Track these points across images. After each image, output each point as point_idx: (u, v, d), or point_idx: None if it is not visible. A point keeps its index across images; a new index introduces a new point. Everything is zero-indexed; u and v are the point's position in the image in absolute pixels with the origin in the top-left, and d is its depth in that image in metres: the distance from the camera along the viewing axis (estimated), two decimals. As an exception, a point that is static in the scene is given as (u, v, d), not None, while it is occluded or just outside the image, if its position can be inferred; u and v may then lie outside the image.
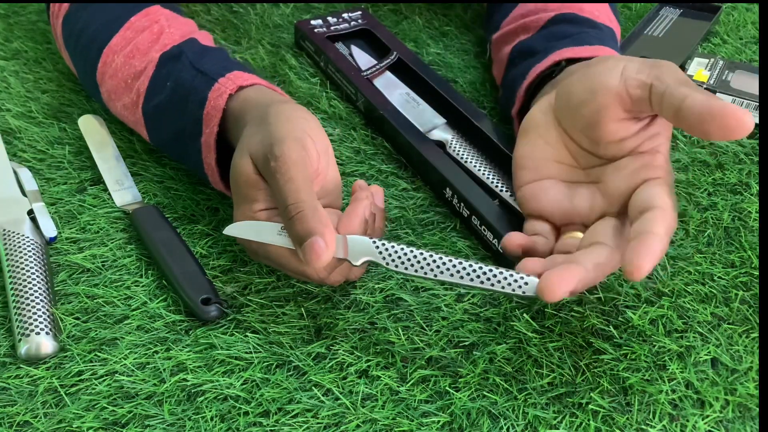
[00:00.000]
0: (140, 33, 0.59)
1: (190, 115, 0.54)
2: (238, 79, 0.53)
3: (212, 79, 0.54)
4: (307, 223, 0.43)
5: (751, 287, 0.53)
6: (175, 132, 0.56)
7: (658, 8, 0.87)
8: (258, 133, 0.47)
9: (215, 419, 0.43)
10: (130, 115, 0.59)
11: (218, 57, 0.57)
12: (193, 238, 0.55)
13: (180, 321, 0.49)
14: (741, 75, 0.73)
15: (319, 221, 0.43)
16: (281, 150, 0.45)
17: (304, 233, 0.43)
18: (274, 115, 0.48)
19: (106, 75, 0.60)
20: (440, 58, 0.78)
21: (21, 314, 0.47)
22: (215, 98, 0.53)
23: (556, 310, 0.51)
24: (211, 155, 0.53)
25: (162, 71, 0.57)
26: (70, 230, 0.55)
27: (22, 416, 0.43)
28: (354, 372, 0.46)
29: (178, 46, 0.57)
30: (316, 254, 0.42)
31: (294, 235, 0.44)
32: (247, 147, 0.47)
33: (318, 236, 0.42)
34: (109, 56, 0.59)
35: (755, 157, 0.65)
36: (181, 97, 0.55)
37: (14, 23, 0.80)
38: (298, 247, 0.43)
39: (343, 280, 0.50)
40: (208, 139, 0.53)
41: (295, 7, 0.86)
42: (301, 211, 0.43)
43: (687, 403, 0.45)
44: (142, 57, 0.58)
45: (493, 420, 0.44)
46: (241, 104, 0.52)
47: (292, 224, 0.43)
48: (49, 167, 0.61)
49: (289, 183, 0.44)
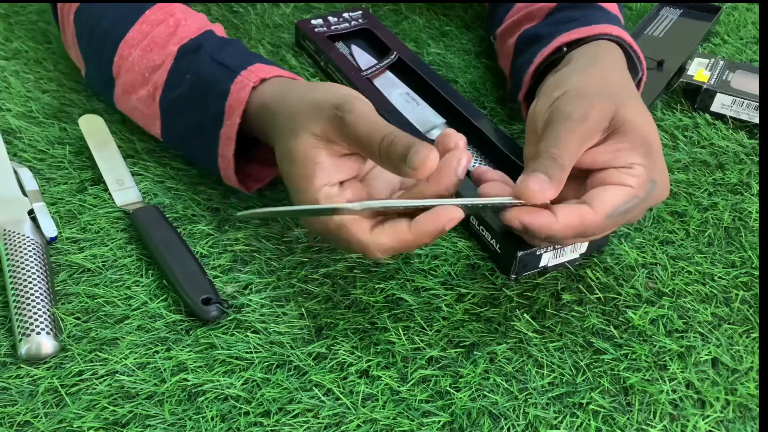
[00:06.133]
0: (156, 26, 0.59)
1: (211, 107, 0.54)
2: (260, 72, 0.53)
3: (234, 71, 0.54)
4: (404, 140, 0.43)
5: (751, 287, 0.53)
6: (191, 125, 0.56)
7: (658, 8, 0.87)
8: (308, 111, 0.47)
9: (216, 419, 0.43)
10: (145, 108, 0.59)
11: (238, 49, 0.57)
12: (194, 238, 0.55)
13: (180, 321, 0.49)
14: (741, 75, 0.73)
15: (413, 138, 0.44)
16: (352, 105, 0.45)
17: (403, 149, 0.43)
18: (320, 89, 0.49)
19: (123, 69, 0.60)
20: (440, 58, 0.78)
21: (21, 314, 0.47)
22: (238, 90, 0.53)
23: (557, 310, 0.51)
24: (230, 147, 0.53)
25: (180, 64, 0.57)
26: (71, 230, 0.55)
27: (22, 416, 0.43)
28: (354, 372, 0.46)
29: (196, 39, 0.57)
30: (424, 156, 0.42)
31: (397, 156, 0.43)
32: (301, 127, 0.47)
33: (419, 145, 0.43)
34: (126, 50, 0.59)
35: (755, 157, 0.65)
36: (201, 90, 0.55)
37: (14, 23, 0.80)
38: (403, 163, 0.43)
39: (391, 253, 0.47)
40: (229, 130, 0.53)
41: (296, 6, 0.86)
42: (395, 136, 0.44)
43: (687, 403, 0.45)
44: (159, 50, 0.58)
45: (493, 420, 0.44)
46: (264, 96, 0.52)
47: (391, 149, 0.43)
48: (49, 167, 0.61)
49: (375, 124, 0.45)
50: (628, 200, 0.45)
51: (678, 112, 0.71)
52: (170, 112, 0.57)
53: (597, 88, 0.49)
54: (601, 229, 0.46)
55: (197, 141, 0.56)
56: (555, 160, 0.45)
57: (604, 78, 0.51)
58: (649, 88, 0.72)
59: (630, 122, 0.47)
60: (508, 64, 0.68)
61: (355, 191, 0.47)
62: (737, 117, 0.70)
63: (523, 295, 0.52)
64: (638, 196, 0.46)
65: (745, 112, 0.69)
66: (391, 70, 0.73)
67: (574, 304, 0.51)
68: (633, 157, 0.46)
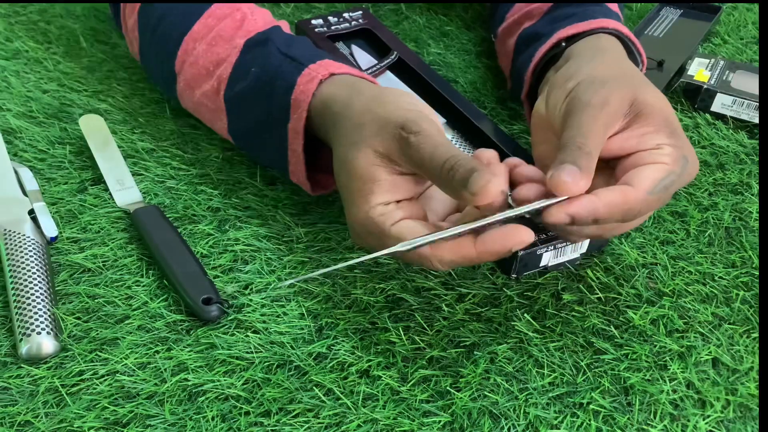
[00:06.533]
0: (222, 20, 0.59)
1: (277, 100, 0.53)
2: (330, 66, 0.53)
3: (302, 64, 0.53)
4: (467, 164, 0.43)
5: (751, 287, 0.53)
6: (258, 119, 0.55)
7: (658, 8, 0.87)
8: (373, 125, 0.46)
9: (216, 419, 0.43)
10: (210, 103, 0.59)
11: (307, 45, 0.57)
12: (194, 238, 0.55)
13: (181, 321, 0.49)
14: (742, 75, 0.73)
15: (477, 163, 0.43)
16: (419, 126, 0.45)
17: (466, 173, 0.42)
18: (389, 103, 0.48)
19: (186, 63, 0.59)
20: (441, 58, 0.78)
21: (22, 314, 0.47)
22: (305, 83, 0.52)
23: (557, 310, 0.51)
24: (299, 141, 0.52)
25: (246, 57, 0.56)
26: (71, 230, 0.55)
27: (23, 416, 0.43)
28: (355, 372, 0.46)
29: (264, 33, 0.57)
30: (485, 181, 0.42)
31: (458, 181, 0.43)
32: (364, 141, 0.46)
33: (482, 170, 0.42)
34: (190, 44, 0.59)
35: (756, 157, 0.65)
36: (267, 83, 0.54)
37: (15, 23, 0.80)
38: (464, 188, 0.42)
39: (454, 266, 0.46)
40: (296, 124, 0.52)
41: (296, 6, 0.86)
42: (458, 160, 0.43)
43: (688, 403, 0.45)
44: (225, 44, 0.57)
45: (494, 420, 0.44)
46: (330, 94, 0.51)
47: (454, 174, 0.43)
48: (50, 167, 0.61)
49: (440, 147, 0.44)
50: (666, 176, 0.45)
51: (678, 112, 0.71)
52: (235, 106, 0.57)
53: (612, 75, 0.49)
54: (645, 206, 0.45)
55: (265, 135, 0.55)
56: (581, 149, 0.44)
57: (616, 66, 0.51)
58: (650, 88, 0.72)
59: (651, 105, 0.47)
60: (508, 64, 0.68)
61: (410, 210, 0.46)
62: (737, 117, 0.70)
63: (523, 295, 0.52)
64: (674, 172, 0.45)
65: (746, 112, 0.69)
66: (391, 70, 0.73)
67: (574, 304, 0.51)
68: (660, 138, 0.46)
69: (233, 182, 0.61)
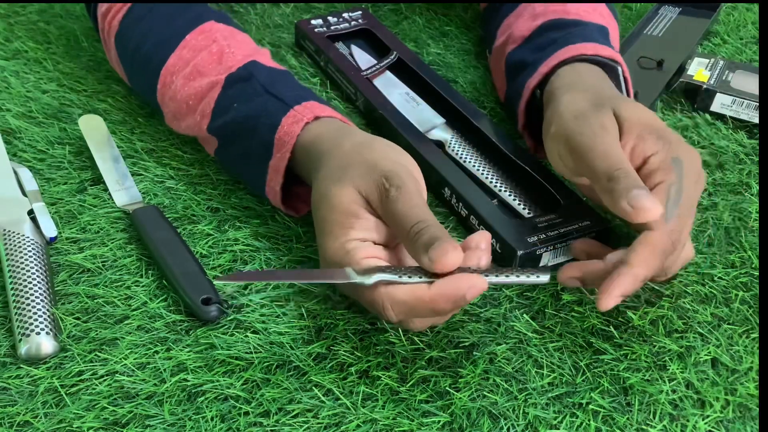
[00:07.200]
0: (198, 53, 0.59)
1: (259, 137, 0.54)
2: (315, 109, 0.54)
3: (287, 105, 0.54)
4: (433, 232, 0.43)
5: (751, 288, 0.53)
6: (238, 152, 0.56)
7: (657, 7, 0.87)
8: (360, 168, 0.47)
9: (215, 419, 0.43)
10: (195, 134, 0.60)
11: (289, 82, 0.58)
12: (194, 238, 0.55)
13: (180, 321, 0.49)
14: (741, 75, 0.73)
15: (443, 232, 0.44)
16: (401, 180, 0.46)
17: (429, 240, 0.43)
18: (378, 149, 0.49)
19: (166, 97, 0.60)
20: (440, 58, 0.78)
21: (21, 314, 0.47)
22: (290, 124, 0.53)
23: (556, 310, 0.51)
24: (278, 180, 0.53)
25: (228, 92, 0.56)
26: (71, 230, 0.56)
27: (22, 416, 0.43)
28: (354, 372, 0.46)
29: (246, 68, 0.57)
30: (443, 251, 0.42)
31: (421, 245, 0.43)
32: (350, 180, 0.47)
33: (444, 240, 0.43)
34: (168, 77, 0.59)
35: (755, 157, 0.65)
36: (251, 117, 0.55)
37: (14, 23, 0.80)
38: (425, 253, 0.43)
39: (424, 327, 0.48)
40: (278, 164, 0.53)
41: (296, 6, 0.86)
42: (427, 225, 0.44)
43: (687, 403, 0.45)
44: (203, 79, 0.57)
45: (493, 420, 0.44)
46: (316, 134, 0.52)
47: (419, 237, 0.43)
48: (49, 167, 0.61)
49: (415, 208, 0.45)
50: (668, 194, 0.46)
51: (678, 112, 0.71)
52: (220, 137, 0.57)
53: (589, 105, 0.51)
54: (677, 232, 0.46)
55: (245, 168, 0.56)
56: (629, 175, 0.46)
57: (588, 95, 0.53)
58: (649, 88, 0.72)
59: (629, 118, 0.49)
60: (502, 86, 0.68)
61: (384, 255, 0.47)
62: (737, 117, 0.70)
63: (522, 295, 0.52)
64: (672, 182, 0.47)
65: (745, 112, 0.69)
66: (391, 70, 0.73)
67: (573, 304, 0.51)
68: (648, 148, 0.48)
69: (232, 182, 0.61)
